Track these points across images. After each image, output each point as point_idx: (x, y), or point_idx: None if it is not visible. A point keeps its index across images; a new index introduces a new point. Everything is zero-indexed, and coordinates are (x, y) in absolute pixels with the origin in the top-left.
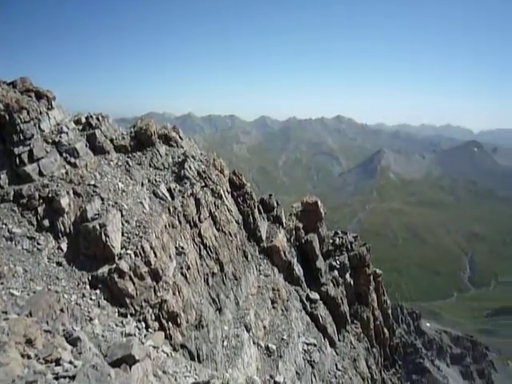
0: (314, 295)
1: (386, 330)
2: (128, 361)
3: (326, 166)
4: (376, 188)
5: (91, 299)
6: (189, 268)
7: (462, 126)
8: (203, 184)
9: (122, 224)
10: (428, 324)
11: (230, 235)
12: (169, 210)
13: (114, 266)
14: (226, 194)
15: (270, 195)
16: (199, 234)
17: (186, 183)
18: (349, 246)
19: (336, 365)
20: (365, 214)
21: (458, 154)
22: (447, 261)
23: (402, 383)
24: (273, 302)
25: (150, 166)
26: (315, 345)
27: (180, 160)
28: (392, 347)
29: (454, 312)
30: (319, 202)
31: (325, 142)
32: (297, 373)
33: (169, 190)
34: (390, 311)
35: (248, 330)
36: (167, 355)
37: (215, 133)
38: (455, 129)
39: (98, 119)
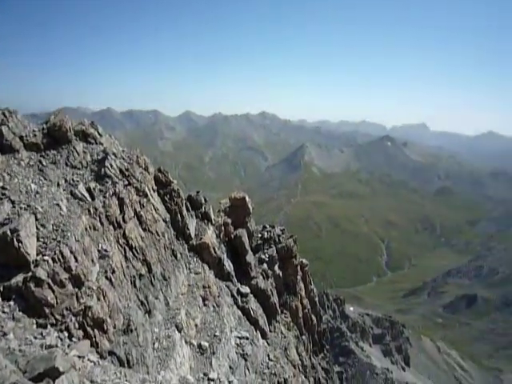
0: (245, 289)
1: (313, 317)
2: (51, 374)
3: (253, 161)
4: (300, 182)
5: (4, 312)
6: (114, 271)
7: (376, 122)
8: (126, 182)
9: (37, 228)
10: (351, 308)
11: (158, 234)
12: (89, 211)
13: (30, 274)
14: (152, 192)
15: (198, 192)
16: (124, 235)
17: (107, 182)
18: (276, 239)
19: (268, 355)
20: (290, 208)
21: (373, 148)
22: (366, 248)
23: (330, 366)
24: (204, 299)
25: (66, 164)
26: (247, 338)
27: (100, 158)
28: (320, 333)
29: (374, 295)
30: (247, 198)
31: (250, 138)
32: (230, 367)
33: (88, 189)
34: (316, 299)
35: (179, 330)
36: (94, 364)
37: (137, 128)
38: (370, 125)
39: (4, 115)
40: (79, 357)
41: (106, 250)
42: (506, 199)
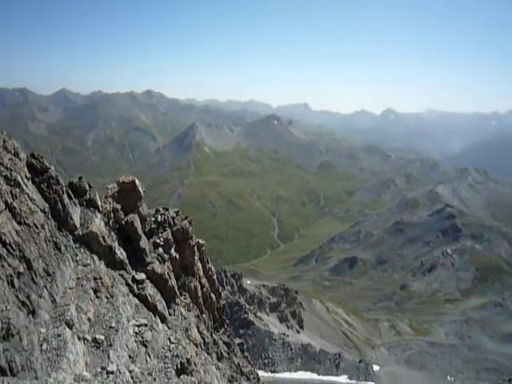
0: (140, 276)
1: (213, 295)
2: None
3: (141, 143)
4: (192, 162)
5: None
6: None
7: (262, 102)
8: None
9: None
10: (248, 281)
11: (36, 227)
12: None
13: None
14: (26, 180)
15: (80, 178)
16: None
17: None
18: (171, 222)
19: (169, 339)
20: (184, 189)
21: (261, 126)
22: (259, 223)
23: (231, 340)
24: (96, 291)
25: None
26: (146, 325)
27: None
28: (219, 309)
29: (269, 267)
30: (137, 181)
31: (137, 118)
32: (130, 357)
33: None
34: (215, 277)
35: (70, 327)
36: None
37: (2, 109)
38: (257, 104)
39: None
40: None
41: None
42: (376, 171)
